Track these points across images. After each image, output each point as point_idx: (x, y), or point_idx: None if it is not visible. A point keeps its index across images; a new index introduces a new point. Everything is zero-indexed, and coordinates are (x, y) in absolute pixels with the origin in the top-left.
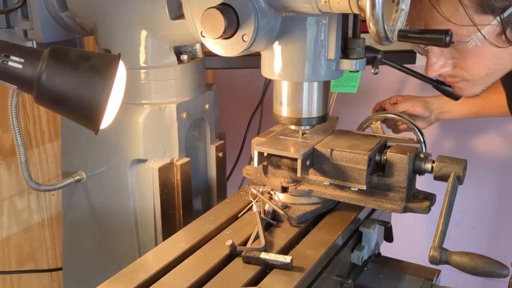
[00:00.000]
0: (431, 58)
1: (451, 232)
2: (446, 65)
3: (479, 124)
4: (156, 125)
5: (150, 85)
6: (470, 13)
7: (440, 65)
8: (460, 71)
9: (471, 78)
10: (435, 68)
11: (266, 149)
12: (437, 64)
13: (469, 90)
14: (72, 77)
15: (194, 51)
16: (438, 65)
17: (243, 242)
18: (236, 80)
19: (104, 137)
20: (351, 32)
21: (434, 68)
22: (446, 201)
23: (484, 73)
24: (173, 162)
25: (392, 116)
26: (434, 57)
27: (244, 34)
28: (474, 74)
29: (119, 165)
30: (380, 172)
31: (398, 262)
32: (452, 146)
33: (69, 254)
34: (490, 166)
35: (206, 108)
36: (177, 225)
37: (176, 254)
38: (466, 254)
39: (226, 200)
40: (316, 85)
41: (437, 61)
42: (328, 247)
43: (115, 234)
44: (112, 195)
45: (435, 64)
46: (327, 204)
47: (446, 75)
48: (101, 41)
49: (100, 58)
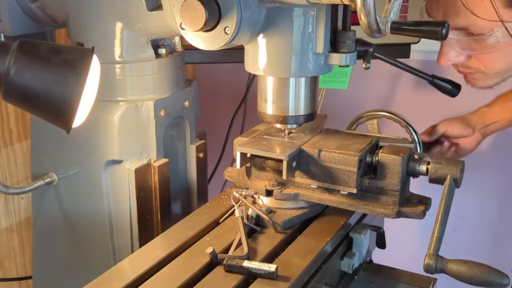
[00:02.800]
0: (445, 46)
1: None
2: (460, 55)
3: None
4: (132, 124)
5: (125, 81)
6: (497, 6)
7: (454, 55)
8: (476, 63)
9: (488, 72)
10: (448, 57)
11: (249, 150)
12: (451, 53)
13: (483, 82)
14: (42, 72)
15: (173, 45)
16: (453, 54)
17: (225, 250)
18: (217, 75)
19: (77, 136)
20: (341, 24)
21: (447, 57)
22: (442, 205)
23: (503, 68)
24: (150, 163)
25: (384, 115)
26: (448, 46)
27: (226, 27)
28: (492, 68)
29: (93, 166)
30: (371, 174)
31: (391, 270)
32: None
33: (39, 262)
34: (489, 168)
35: (185, 105)
36: (155, 231)
37: (153, 262)
38: (463, 262)
39: (207, 204)
40: (304, 81)
41: (451, 50)
42: (315, 255)
43: (88, 240)
44: (85, 199)
45: (449, 53)
46: (315, 209)
47: (460, 64)
48: (74, 34)
49: (73, 52)
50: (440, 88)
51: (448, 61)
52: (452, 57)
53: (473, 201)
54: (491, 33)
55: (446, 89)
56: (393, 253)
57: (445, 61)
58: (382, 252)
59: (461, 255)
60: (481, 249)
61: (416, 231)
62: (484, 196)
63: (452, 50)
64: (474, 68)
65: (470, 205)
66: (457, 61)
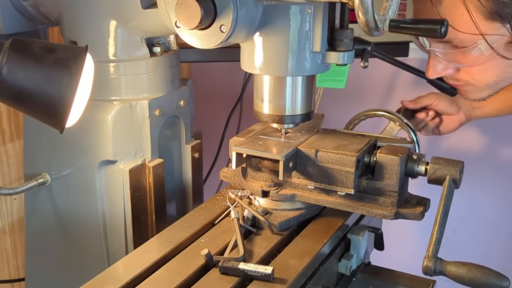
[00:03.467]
0: (433, 59)
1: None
2: (448, 68)
3: (477, 122)
4: (127, 123)
5: (120, 80)
6: (476, 19)
7: (442, 67)
8: (465, 76)
9: (477, 84)
10: (436, 69)
11: (245, 150)
12: (438, 66)
13: (474, 95)
14: (35, 71)
15: (167, 43)
16: (440, 67)
17: (220, 251)
18: (213, 74)
19: (70, 136)
20: (339, 22)
21: (435, 69)
22: (441, 206)
23: (492, 81)
24: (145, 164)
25: (383, 114)
26: (435, 59)
27: (222, 25)
28: (480, 80)
29: (87, 166)
30: (369, 175)
31: (390, 272)
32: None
33: (32, 264)
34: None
35: (181, 104)
36: (149, 232)
37: (147, 264)
38: (463, 264)
39: (202, 205)
40: (300, 80)
41: (438, 63)
42: (312, 257)
43: (82, 241)
44: (79, 199)
45: (436, 66)
46: (312, 210)
47: (449, 77)
48: (67, 32)
49: (66, 51)
50: (439, 87)
51: (436, 74)
52: (439, 70)
53: (473, 201)
54: (474, 46)
55: (445, 88)
56: (392, 255)
57: (433, 73)
58: (380, 253)
59: (461, 257)
60: (481, 251)
61: (414, 232)
62: (484, 197)
63: (440, 63)
64: (463, 81)
65: (470, 205)
66: (445, 74)
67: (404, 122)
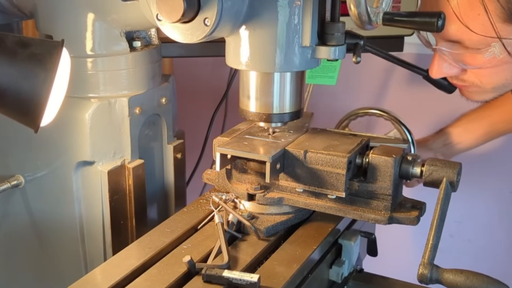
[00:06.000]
0: (438, 58)
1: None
2: (454, 68)
3: None
4: (105, 122)
5: (98, 76)
6: (494, 21)
7: (448, 67)
8: (472, 77)
9: (484, 86)
10: (442, 70)
11: (229, 151)
12: (444, 66)
13: (478, 96)
14: (8, 67)
15: (148, 37)
16: (446, 67)
17: (203, 258)
18: (197, 70)
19: (45, 136)
20: (329, 15)
21: (440, 69)
22: (437, 210)
23: (500, 84)
24: (124, 165)
25: (376, 112)
26: (441, 58)
27: (206, 18)
28: (488, 83)
29: (63, 168)
30: (361, 177)
31: (384, 280)
32: None
33: (5, 270)
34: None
35: (162, 102)
36: (129, 237)
37: (126, 272)
38: (460, 272)
39: (184, 209)
40: (289, 76)
41: (444, 62)
42: (301, 264)
43: (58, 247)
44: (55, 203)
45: (442, 65)
46: (301, 214)
47: (454, 77)
48: (42, 26)
49: (41, 45)
50: (436, 84)
51: (442, 74)
52: (445, 70)
53: (471, 205)
54: (487, 48)
55: (442, 84)
56: (386, 261)
57: (438, 73)
58: (374, 260)
59: (458, 262)
60: (479, 257)
61: (409, 237)
62: (483, 200)
63: (445, 63)
64: (469, 82)
65: (468, 209)
66: (450, 74)
67: (398, 121)
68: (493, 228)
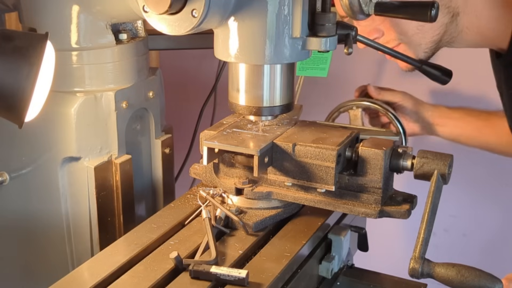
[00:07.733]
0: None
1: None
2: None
3: None
4: (91, 117)
5: (83, 69)
6: None
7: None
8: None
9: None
10: None
11: (216, 144)
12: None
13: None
14: None
15: (135, 29)
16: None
17: (191, 254)
18: (184, 63)
19: (30, 131)
20: (320, 5)
21: None
22: (428, 203)
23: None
24: (111, 160)
25: (367, 104)
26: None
27: (194, 9)
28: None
29: (48, 164)
30: (351, 170)
31: (375, 275)
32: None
33: None
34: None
35: (149, 96)
36: (117, 234)
37: (112, 268)
38: (452, 265)
39: (171, 204)
40: (279, 68)
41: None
42: (290, 259)
43: (44, 244)
44: (40, 200)
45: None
46: (289, 209)
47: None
48: (26, 18)
49: (25, 39)
50: (430, 75)
51: None
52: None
53: (466, 199)
54: None
55: (436, 76)
56: (377, 256)
57: None
58: (364, 255)
59: (453, 258)
60: (474, 251)
61: (401, 232)
62: (478, 194)
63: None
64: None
65: (463, 203)
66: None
67: (390, 112)
68: (489, 222)
